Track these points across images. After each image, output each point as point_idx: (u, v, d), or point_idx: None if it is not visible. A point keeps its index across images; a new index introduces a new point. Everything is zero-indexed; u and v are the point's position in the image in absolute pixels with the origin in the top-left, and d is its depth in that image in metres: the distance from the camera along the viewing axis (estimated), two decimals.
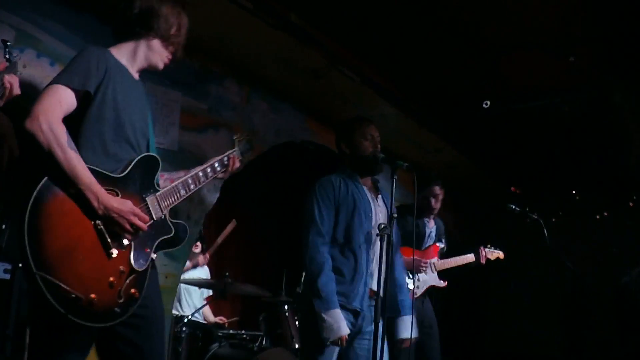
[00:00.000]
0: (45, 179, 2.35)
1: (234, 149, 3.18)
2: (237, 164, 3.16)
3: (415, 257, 5.10)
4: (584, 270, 6.97)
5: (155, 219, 2.67)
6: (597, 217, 8.01)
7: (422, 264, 5.19)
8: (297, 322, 5.14)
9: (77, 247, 2.37)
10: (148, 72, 4.37)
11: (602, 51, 5.26)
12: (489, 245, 5.63)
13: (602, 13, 4.69)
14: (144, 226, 2.57)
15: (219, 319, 6.07)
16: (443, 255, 5.38)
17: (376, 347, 3.26)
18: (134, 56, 2.82)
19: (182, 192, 2.83)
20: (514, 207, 5.34)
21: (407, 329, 3.78)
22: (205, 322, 5.89)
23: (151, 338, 2.69)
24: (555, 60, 5.35)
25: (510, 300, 8.78)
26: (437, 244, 5.35)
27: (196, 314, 5.46)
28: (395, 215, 3.57)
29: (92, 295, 2.36)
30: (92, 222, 2.43)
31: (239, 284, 5.14)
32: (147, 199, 2.66)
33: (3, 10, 3.71)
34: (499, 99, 6.09)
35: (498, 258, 5.68)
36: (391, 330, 3.77)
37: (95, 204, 2.42)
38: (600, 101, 5.99)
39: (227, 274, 5.03)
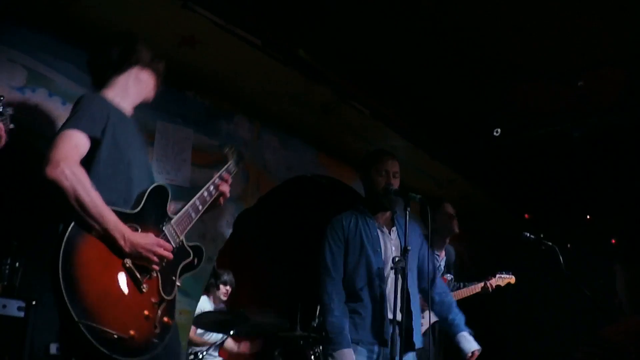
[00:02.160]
0: (72, 224, 2.40)
1: (229, 162, 3.29)
2: (229, 181, 3.22)
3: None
4: (602, 296, 6.89)
5: (174, 246, 2.74)
6: (613, 241, 7.94)
7: (424, 307, 5.11)
8: (312, 356, 5.10)
9: (111, 289, 2.46)
10: (159, 111, 4.47)
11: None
12: (499, 272, 5.58)
13: (611, 37, 4.70)
14: (170, 255, 2.65)
15: (243, 344, 6.05)
16: (451, 286, 5.32)
17: None
18: (127, 92, 2.93)
19: (193, 214, 2.92)
20: (528, 234, 5.31)
21: (470, 341, 3.98)
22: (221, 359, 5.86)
23: None
24: (564, 86, 5.35)
25: (528, 329, 8.67)
26: (446, 276, 5.28)
27: (211, 350, 5.44)
28: (409, 247, 3.60)
29: (132, 332, 2.45)
30: (121, 261, 2.50)
31: (256, 317, 5.11)
32: (164, 229, 2.74)
33: (16, 50, 3.78)
34: (510, 127, 6.09)
35: (509, 283, 5.62)
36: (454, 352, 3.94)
37: (122, 242, 2.49)
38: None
39: (242, 310, 5.02)
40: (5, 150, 2.70)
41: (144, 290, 2.56)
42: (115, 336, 2.37)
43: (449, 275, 5.32)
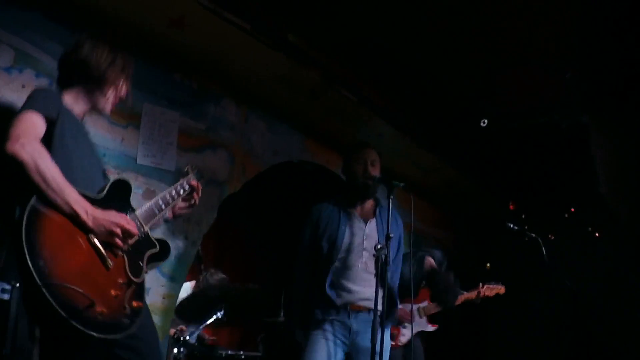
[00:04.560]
0: (34, 197, 2.41)
1: (189, 175, 3.30)
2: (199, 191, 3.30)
3: (401, 308, 5.01)
4: (583, 288, 6.95)
5: (139, 234, 2.76)
6: (597, 234, 7.99)
7: (405, 319, 5.12)
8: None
9: (76, 261, 2.45)
10: (146, 93, 4.43)
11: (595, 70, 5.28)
12: (488, 283, 5.61)
13: (599, 29, 4.70)
14: (135, 230, 2.67)
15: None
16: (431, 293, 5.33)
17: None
18: (77, 102, 2.93)
19: (156, 211, 2.94)
20: (512, 225, 5.35)
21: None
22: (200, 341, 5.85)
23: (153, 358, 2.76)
24: (552, 77, 5.36)
25: (510, 320, 8.71)
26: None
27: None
28: (392, 235, 3.65)
29: (99, 308, 2.43)
30: (86, 236, 2.51)
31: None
32: (131, 215, 2.79)
33: (2, 30, 3.72)
34: (497, 116, 6.10)
35: (498, 294, 5.64)
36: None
37: (85, 216, 2.50)
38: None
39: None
40: None
41: (109, 267, 2.56)
42: (87, 302, 2.37)
43: None
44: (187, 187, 3.22)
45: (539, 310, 8.21)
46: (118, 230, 2.60)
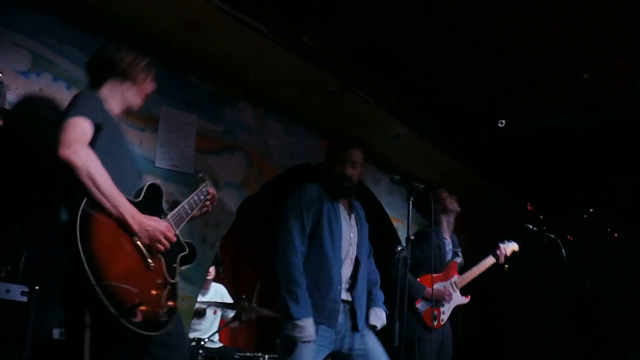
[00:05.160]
0: (85, 200, 2.52)
1: (206, 182, 3.45)
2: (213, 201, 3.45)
3: (438, 289, 5.04)
4: (602, 289, 6.92)
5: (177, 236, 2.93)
6: (615, 235, 7.94)
7: (447, 296, 5.10)
8: None
9: (123, 261, 2.59)
10: (163, 96, 4.47)
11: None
12: (501, 242, 5.55)
13: (617, 28, 4.68)
14: (173, 237, 2.84)
15: None
16: (461, 269, 5.32)
17: None
18: (111, 99, 3.05)
19: (184, 215, 3.11)
20: (531, 226, 5.32)
21: (378, 317, 4.02)
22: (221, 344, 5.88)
23: (180, 356, 2.89)
24: (569, 78, 5.34)
25: (527, 320, 8.67)
26: (455, 260, 5.28)
27: (213, 337, 5.45)
28: (412, 237, 3.69)
29: (143, 307, 2.56)
30: (130, 238, 2.65)
31: (256, 307, 5.11)
32: (163, 219, 2.91)
33: (19, 34, 3.75)
34: (514, 117, 6.08)
35: (514, 252, 5.58)
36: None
37: (131, 221, 2.63)
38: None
39: (243, 296, 5.02)
40: (7, 134, 2.81)
41: (151, 268, 2.70)
42: (137, 301, 2.50)
43: (457, 258, 5.31)
44: (206, 193, 3.36)
45: (558, 311, 8.16)
46: (161, 237, 2.75)
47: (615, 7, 4.40)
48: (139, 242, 2.67)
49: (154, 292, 2.69)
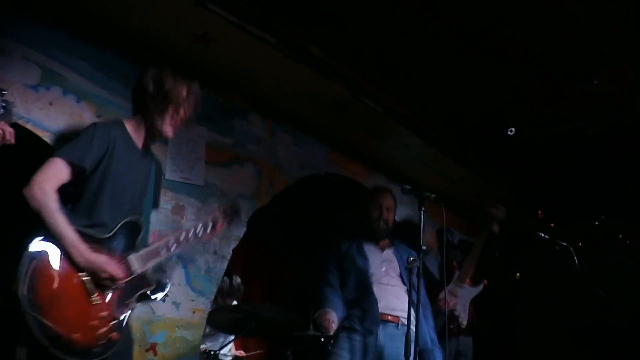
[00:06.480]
0: (40, 238, 2.78)
1: (216, 214, 3.52)
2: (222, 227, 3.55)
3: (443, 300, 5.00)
4: (614, 296, 6.86)
5: (134, 274, 3.06)
6: (628, 242, 7.88)
7: (451, 303, 5.07)
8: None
9: (62, 295, 2.77)
10: None
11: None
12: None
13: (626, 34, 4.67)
14: (119, 274, 2.96)
15: (239, 353, 6.02)
16: (460, 262, 5.30)
17: None
18: (137, 130, 3.25)
19: (163, 252, 3.20)
20: (542, 234, 5.30)
21: None
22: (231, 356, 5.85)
23: None
24: (578, 83, 5.32)
25: (540, 328, 8.61)
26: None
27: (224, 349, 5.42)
28: (424, 247, 3.69)
29: (75, 335, 2.75)
30: (76, 274, 2.84)
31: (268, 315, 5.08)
32: (127, 257, 3.05)
33: (29, 48, 3.78)
34: (523, 124, 6.06)
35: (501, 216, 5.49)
36: None
37: (77, 259, 2.83)
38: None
39: (254, 305, 4.99)
40: (16, 148, 2.85)
41: (93, 302, 2.87)
42: (58, 333, 2.67)
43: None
44: (210, 225, 3.43)
45: (570, 320, 8.09)
46: (105, 275, 2.89)
47: (624, 12, 4.40)
48: (83, 278, 2.84)
49: (93, 323, 2.85)
